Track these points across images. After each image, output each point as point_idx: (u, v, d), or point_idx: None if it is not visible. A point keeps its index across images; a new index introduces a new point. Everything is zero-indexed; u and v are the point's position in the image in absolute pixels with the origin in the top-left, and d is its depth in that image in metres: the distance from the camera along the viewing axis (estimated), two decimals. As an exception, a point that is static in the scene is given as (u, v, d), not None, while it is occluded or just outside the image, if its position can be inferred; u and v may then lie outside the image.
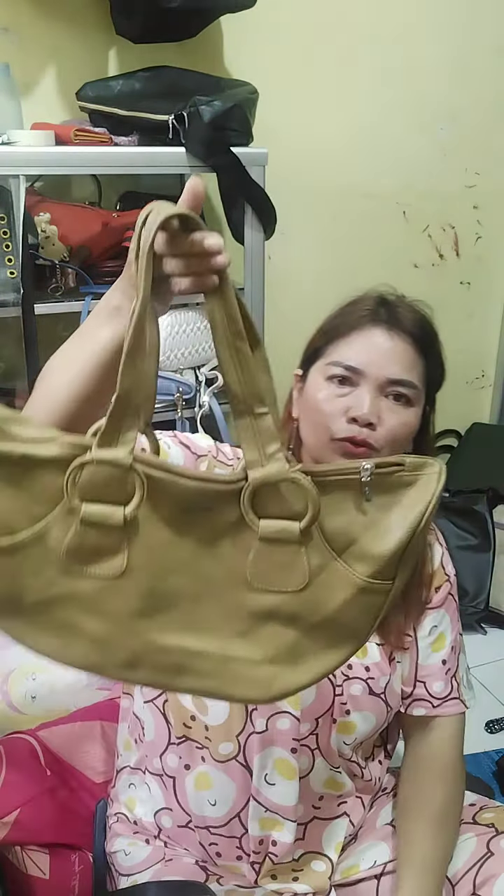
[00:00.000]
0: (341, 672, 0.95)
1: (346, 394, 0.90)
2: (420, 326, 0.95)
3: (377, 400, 0.89)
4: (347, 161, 2.18)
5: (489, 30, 2.25)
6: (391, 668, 0.98)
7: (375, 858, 1.00)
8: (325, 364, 0.93)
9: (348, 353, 0.91)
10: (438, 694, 1.01)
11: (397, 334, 0.92)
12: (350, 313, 0.95)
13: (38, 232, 1.58)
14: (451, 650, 1.02)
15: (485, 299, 2.57)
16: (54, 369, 0.74)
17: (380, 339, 0.91)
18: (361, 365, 0.90)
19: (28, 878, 1.02)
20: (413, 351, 0.93)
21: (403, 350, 0.92)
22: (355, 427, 0.88)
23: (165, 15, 1.61)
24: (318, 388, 0.92)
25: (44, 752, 1.17)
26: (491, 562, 2.16)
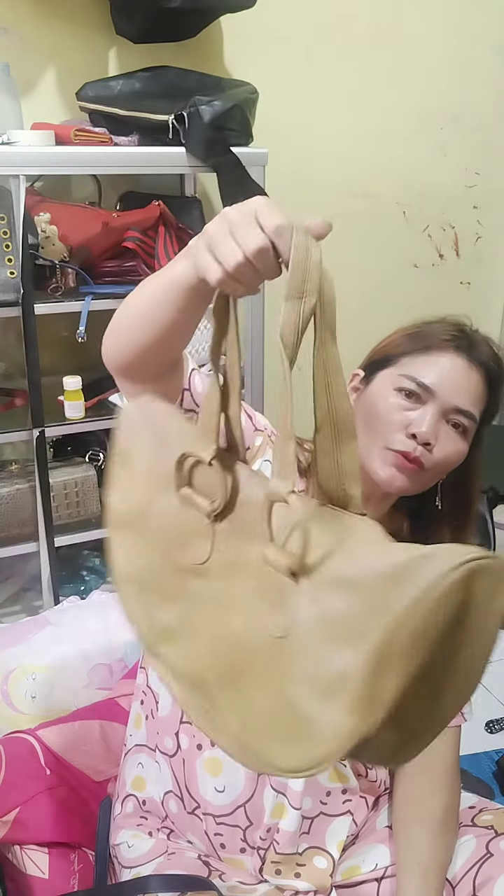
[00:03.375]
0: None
1: (411, 409, 0.92)
2: (496, 361, 0.97)
3: (438, 423, 0.91)
4: (347, 161, 2.18)
5: (489, 30, 2.25)
6: None
7: (377, 861, 1.00)
8: (398, 374, 0.94)
9: (424, 371, 0.92)
10: None
11: (475, 366, 0.94)
12: (432, 334, 0.96)
13: (38, 232, 1.58)
14: None
15: (485, 299, 2.57)
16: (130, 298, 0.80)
17: (459, 366, 0.93)
18: (434, 385, 0.91)
19: (27, 877, 1.02)
20: (483, 385, 0.95)
21: (477, 383, 0.94)
22: (412, 443, 0.90)
23: (165, 15, 1.62)
24: (383, 395, 0.94)
25: (43, 752, 1.17)
26: (491, 562, 2.16)
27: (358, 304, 2.34)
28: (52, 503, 1.71)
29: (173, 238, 1.69)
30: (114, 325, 0.81)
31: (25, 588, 1.91)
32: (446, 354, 0.93)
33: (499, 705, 1.86)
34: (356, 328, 2.36)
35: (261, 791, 0.94)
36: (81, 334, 1.60)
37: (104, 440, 1.86)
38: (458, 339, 0.95)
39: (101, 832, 1.08)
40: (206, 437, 0.64)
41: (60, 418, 1.70)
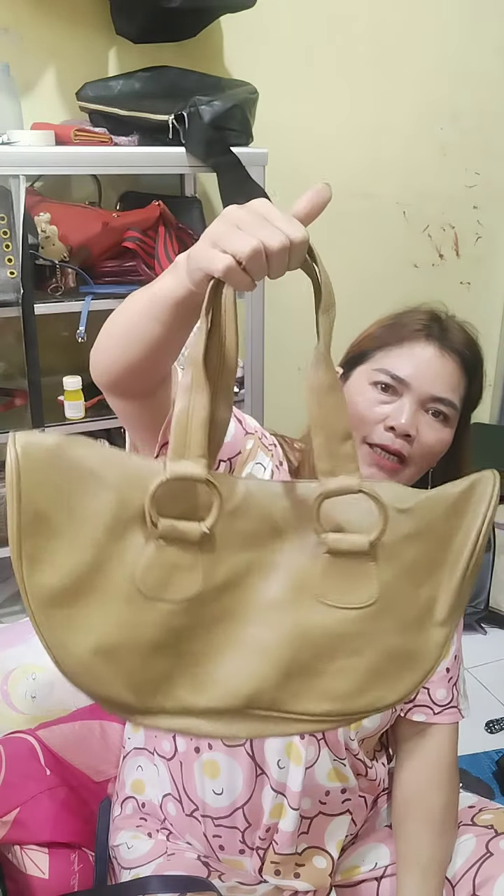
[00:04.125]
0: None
1: (388, 402, 0.92)
2: (469, 348, 0.97)
3: (417, 413, 0.91)
4: (347, 161, 2.18)
5: (489, 30, 2.25)
6: None
7: (376, 860, 1.00)
8: (372, 369, 0.94)
9: (397, 363, 0.92)
10: (440, 701, 1.02)
11: (448, 353, 0.94)
12: (404, 325, 0.96)
13: (38, 232, 1.58)
14: (454, 659, 1.04)
15: (485, 299, 2.57)
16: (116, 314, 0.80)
17: (430, 355, 0.93)
18: (408, 377, 0.91)
19: (27, 877, 1.02)
20: (460, 372, 0.95)
21: (451, 370, 0.93)
22: (391, 436, 0.90)
23: (165, 15, 1.62)
24: (359, 391, 0.93)
25: (43, 752, 1.17)
26: (491, 562, 2.16)
27: (358, 304, 2.34)
28: (52, 503, 1.71)
29: (173, 238, 1.69)
30: (100, 341, 0.80)
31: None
32: (419, 344, 0.93)
33: (499, 705, 1.86)
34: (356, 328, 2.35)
35: (259, 792, 0.94)
36: (81, 334, 1.60)
37: (104, 440, 1.86)
38: (430, 328, 0.95)
39: (100, 833, 1.09)
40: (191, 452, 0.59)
41: (60, 418, 1.70)
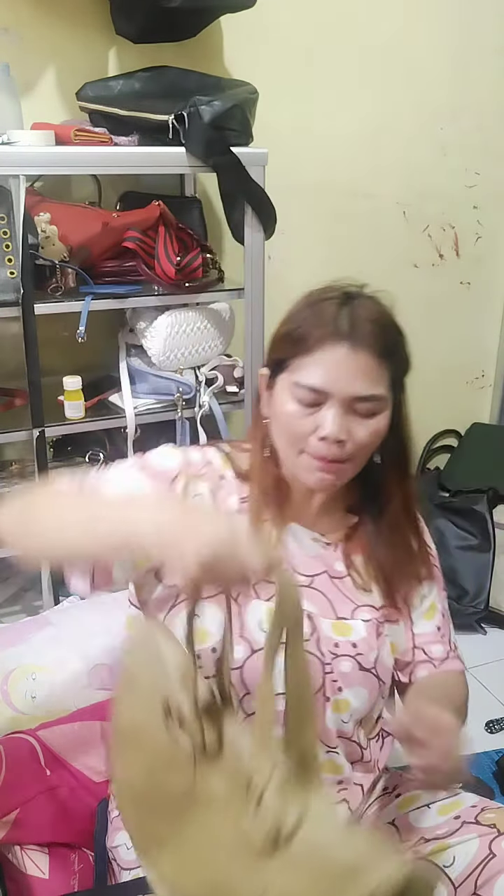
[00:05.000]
0: (329, 651, 0.97)
1: (314, 413, 0.91)
2: (383, 333, 0.93)
3: (345, 417, 0.90)
4: (347, 161, 2.18)
5: (489, 30, 2.25)
6: (379, 643, 1.00)
7: None
8: (291, 381, 0.92)
9: (312, 374, 0.90)
10: (439, 656, 1.05)
11: (360, 349, 0.90)
12: (312, 325, 0.92)
13: (38, 232, 1.58)
14: (442, 617, 1.08)
15: (485, 299, 2.57)
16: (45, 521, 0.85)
17: (343, 357, 0.90)
18: (326, 385, 0.90)
19: (27, 877, 1.02)
20: (376, 362, 0.91)
21: (367, 365, 0.90)
22: (324, 445, 0.90)
23: (165, 15, 1.62)
24: (285, 405, 0.93)
25: (44, 752, 1.17)
26: (491, 562, 2.16)
27: (358, 304, 2.34)
28: (52, 503, 1.71)
29: (173, 238, 1.69)
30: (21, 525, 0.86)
31: (25, 588, 1.91)
32: (328, 349, 0.90)
33: (499, 705, 1.86)
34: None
35: None
36: (81, 334, 1.60)
37: (104, 440, 1.86)
38: (337, 327, 0.90)
39: (98, 834, 1.09)
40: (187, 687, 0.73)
41: (60, 418, 1.70)
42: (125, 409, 1.74)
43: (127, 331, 1.83)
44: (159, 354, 1.73)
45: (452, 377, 2.63)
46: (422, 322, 2.47)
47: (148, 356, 1.76)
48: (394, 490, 1.01)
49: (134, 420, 1.74)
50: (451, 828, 0.96)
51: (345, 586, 1.02)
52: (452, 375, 2.62)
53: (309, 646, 0.96)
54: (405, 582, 1.04)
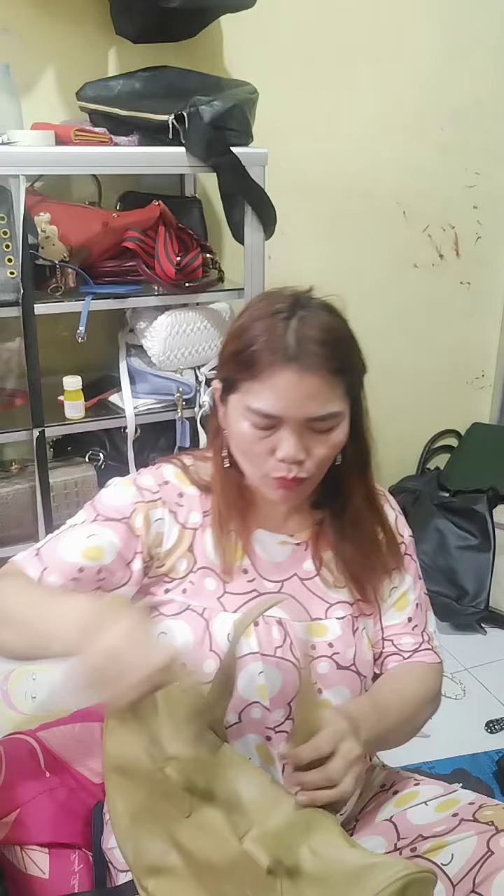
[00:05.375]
0: (304, 654, 0.97)
1: (270, 434, 0.90)
2: (332, 350, 0.88)
3: (301, 437, 0.89)
4: (347, 161, 2.18)
5: (489, 29, 2.25)
6: (356, 638, 1.00)
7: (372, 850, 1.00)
8: (243, 406, 0.90)
9: (263, 399, 0.88)
10: (408, 647, 1.06)
11: (309, 372, 0.87)
12: (259, 347, 0.88)
13: (38, 232, 1.58)
14: (415, 607, 1.07)
15: (485, 299, 2.57)
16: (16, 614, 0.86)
17: (292, 382, 0.86)
18: (278, 411, 0.88)
19: (28, 877, 1.02)
20: (328, 381, 0.88)
21: (318, 386, 0.87)
22: (284, 466, 0.90)
23: (165, 15, 1.62)
24: (240, 426, 0.91)
25: (43, 753, 1.17)
26: (491, 562, 2.16)
27: (358, 304, 2.34)
28: (52, 503, 1.71)
29: (173, 238, 1.69)
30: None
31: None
32: (276, 374, 0.86)
33: (499, 705, 1.86)
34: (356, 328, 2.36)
35: None
36: (81, 334, 1.60)
37: (104, 440, 1.86)
38: (283, 349, 0.87)
39: (95, 835, 1.09)
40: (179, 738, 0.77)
41: (60, 418, 1.70)
42: (125, 409, 1.74)
43: (127, 331, 1.83)
44: (159, 354, 1.73)
45: (452, 377, 2.63)
46: (422, 322, 2.47)
47: (148, 356, 1.76)
48: (355, 487, 1.01)
49: (134, 420, 1.74)
50: (449, 825, 0.96)
51: (316, 586, 1.02)
52: (452, 375, 2.62)
53: (283, 652, 0.96)
54: (374, 576, 1.03)
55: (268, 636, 0.97)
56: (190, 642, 0.95)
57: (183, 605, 0.98)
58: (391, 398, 2.51)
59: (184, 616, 0.97)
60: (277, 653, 0.96)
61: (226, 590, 0.99)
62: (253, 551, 1.01)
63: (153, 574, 0.99)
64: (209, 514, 1.00)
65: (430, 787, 1.05)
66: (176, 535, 0.99)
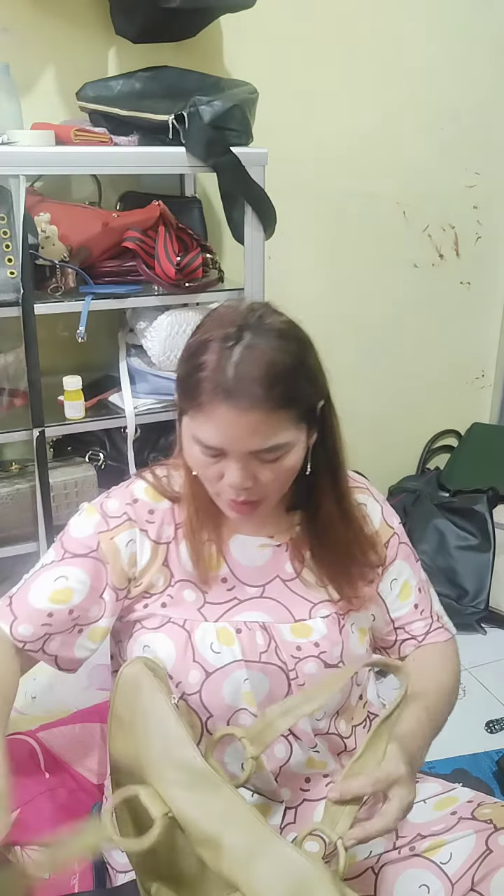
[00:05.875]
0: (291, 655, 0.97)
1: (218, 461, 0.89)
2: (273, 385, 0.83)
3: (247, 466, 0.87)
4: (347, 161, 2.18)
5: (489, 30, 2.25)
6: (343, 635, 1.00)
7: (370, 849, 1.00)
8: (190, 434, 0.89)
9: (205, 432, 0.86)
10: (421, 631, 1.08)
11: (249, 410, 0.83)
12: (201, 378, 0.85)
13: (38, 232, 1.58)
14: (419, 592, 1.09)
15: (485, 299, 2.57)
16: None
17: (233, 419, 0.84)
18: (220, 445, 0.86)
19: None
20: (269, 417, 0.84)
21: (257, 423, 0.84)
22: (234, 490, 0.89)
23: (165, 15, 1.61)
24: (190, 447, 0.90)
25: (43, 754, 1.17)
26: (491, 562, 2.16)
27: (358, 304, 2.34)
28: (52, 503, 1.71)
29: (173, 238, 1.69)
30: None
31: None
32: (215, 409, 0.84)
33: (499, 705, 1.86)
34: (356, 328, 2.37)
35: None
36: (81, 334, 1.60)
37: (104, 440, 1.86)
38: (223, 385, 0.83)
39: None
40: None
41: (60, 418, 1.70)
42: (125, 409, 1.74)
43: (127, 331, 1.83)
44: (159, 354, 1.73)
45: (452, 377, 2.63)
46: (422, 322, 2.47)
47: (148, 356, 1.76)
48: (326, 494, 0.99)
49: (134, 420, 1.74)
50: (448, 824, 0.97)
51: (298, 587, 1.02)
52: (452, 375, 2.62)
53: (268, 656, 0.96)
54: (348, 580, 1.02)
55: (251, 642, 0.96)
56: (172, 655, 0.95)
57: (164, 618, 0.98)
58: (391, 398, 2.51)
59: (164, 629, 0.97)
60: (262, 658, 0.96)
61: (206, 600, 0.99)
62: (231, 558, 1.01)
63: (133, 594, 0.99)
64: (182, 526, 1.00)
65: (428, 785, 1.06)
66: (149, 552, 0.99)
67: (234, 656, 0.95)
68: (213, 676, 0.94)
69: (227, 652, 0.95)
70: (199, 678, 0.94)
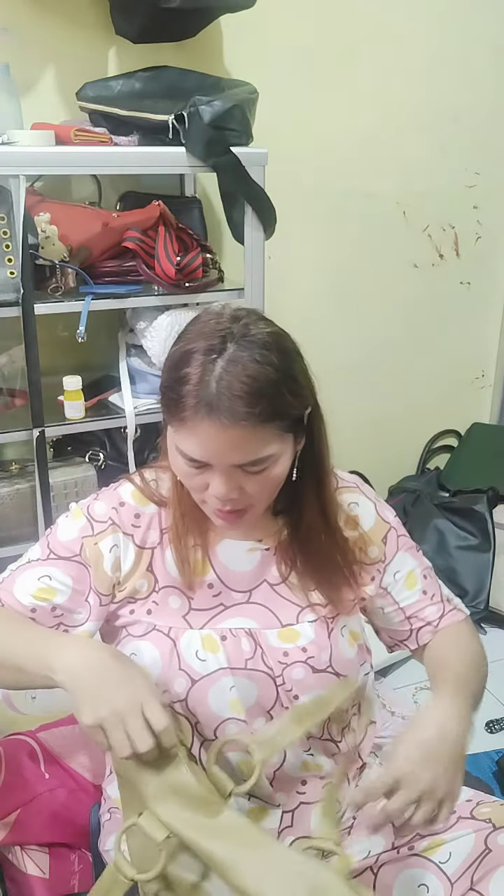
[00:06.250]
0: (278, 661, 0.96)
1: (202, 472, 0.88)
2: (255, 401, 0.82)
3: (231, 478, 0.87)
4: (347, 161, 2.18)
5: (489, 30, 2.25)
6: (332, 639, 0.99)
7: (369, 849, 1.00)
8: (175, 445, 0.89)
9: (188, 445, 0.85)
10: (434, 616, 1.08)
11: (231, 425, 0.82)
12: (183, 392, 0.83)
13: (38, 232, 1.58)
14: (424, 579, 1.09)
15: (485, 299, 2.57)
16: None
17: (215, 434, 0.82)
18: (204, 458, 0.85)
19: (28, 877, 1.03)
20: (252, 431, 0.83)
21: (240, 437, 0.83)
22: (219, 500, 0.89)
23: (165, 15, 1.62)
24: (175, 457, 0.90)
25: (43, 754, 1.17)
26: (491, 562, 2.16)
27: (358, 303, 2.34)
28: (52, 503, 1.71)
29: (173, 238, 1.69)
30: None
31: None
32: (198, 424, 0.83)
33: (499, 705, 1.86)
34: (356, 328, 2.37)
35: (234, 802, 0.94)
36: (81, 334, 1.60)
37: (104, 440, 1.86)
38: (206, 400, 0.82)
39: (93, 837, 1.09)
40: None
41: (60, 418, 1.70)
42: (125, 408, 1.74)
43: (127, 331, 1.83)
44: (159, 354, 1.73)
45: (452, 377, 2.63)
46: (422, 322, 2.47)
47: (148, 356, 1.76)
48: (310, 501, 0.98)
49: (134, 420, 1.74)
50: (447, 823, 0.96)
51: (285, 591, 1.01)
52: (452, 375, 2.62)
53: (254, 663, 0.96)
54: (331, 587, 1.01)
55: (236, 649, 0.96)
56: (158, 663, 0.95)
57: (149, 625, 0.97)
58: (391, 398, 2.51)
59: (150, 637, 0.97)
60: (248, 665, 0.95)
61: (191, 606, 0.98)
62: (218, 563, 1.00)
63: (118, 599, 0.99)
64: (167, 532, 0.99)
65: None
66: (133, 557, 0.98)
67: (220, 664, 0.95)
68: (198, 684, 0.94)
69: (213, 659, 0.95)
70: (185, 686, 0.94)
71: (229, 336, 0.84)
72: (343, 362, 2.30)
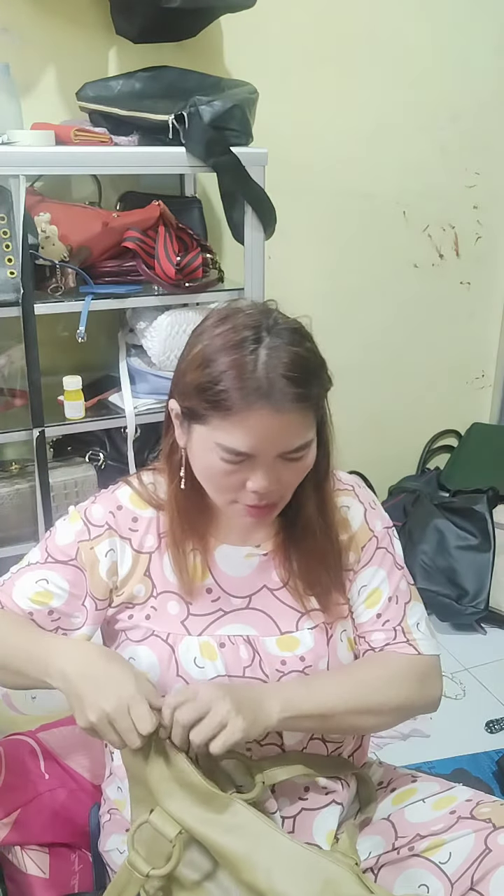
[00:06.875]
0: (275, 669, 0.96)
1: (240, 469, 0.87)
2: (302, 381, 0.85)
3: (273, 469, 0.87)
4: (347, 161, 2.18)
5: (488, 30, 2.25)
6: (330, 647, 0.99)
7: (370, 850, 1.00)
8: (212, 441, 0.87)
9: (235, 439, 0.85)
10: (378, 643, 1.02)
11: (282, 409, 0.83)
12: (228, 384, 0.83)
13: (38, 232, 1.58)
14: (388, 602, 1.02)
15: (485, 299, 2.57)
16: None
17: (266, 421, 0.83)
18: (250, 449, 0.85)
19: (28, 877, 1.02)
20: (301, 413, 0.86)
21: (291, 421, 0.85)
22: (256, 496, 0.88)
23: (165, 15, 1.62)
24: (209, 458, 0.88)
25: (43, 754, 1.17)
26: (491, 562, 2.16)
27: (358, 304, 2.34)
28: (52, 503, 1.71)
29: (173, 238, 1.69)
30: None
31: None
32: (250, 414, 0.83)
33: (499, 705, 1.86)
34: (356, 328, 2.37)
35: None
36: (81, 334, 1.60)
37: (104, 440, 1.86)
38: (255, 386, 0.83)
39: (92, 837, 1.09)
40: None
41: (60, 418, 1.70)
42: (125, 409, 1.74)
43: (127, 331, 1.83)
44: (159, 354, 1.73)
45: (452, 377, 2.63)
46: (422, 322, 2.47)
47: (148, 356, 1.76)
48: (309, 496, 0.98)
49: (134, 420, 1.74)
50: (447, 823, 0.96)
51: (286, 597, 1.00)
52: (452, 375, 2.62)
53: (252, 671, 0.95)
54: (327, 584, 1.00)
55: (235, 657, 0.96)
56: (157, 669, 0.95)
57: (147, 630, 0.97)
58: (391, 398, 2.51)
59: (148, 642, 0.97)
60: (247, 672, 0.95)
61: (190, 612, 0.98)
62: (217, 568, 1.00)
63: (116, 604, 0.99)
64: (165, 537, 0.99)
65: (427, 784, 1.06)
66: (130, 561, 0.98)
67: (218, 671, 0.95)
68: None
69: (211, 667, 0.95)
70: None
71: (261, 327, 0.86)
72: (343, 362, 2.28)
